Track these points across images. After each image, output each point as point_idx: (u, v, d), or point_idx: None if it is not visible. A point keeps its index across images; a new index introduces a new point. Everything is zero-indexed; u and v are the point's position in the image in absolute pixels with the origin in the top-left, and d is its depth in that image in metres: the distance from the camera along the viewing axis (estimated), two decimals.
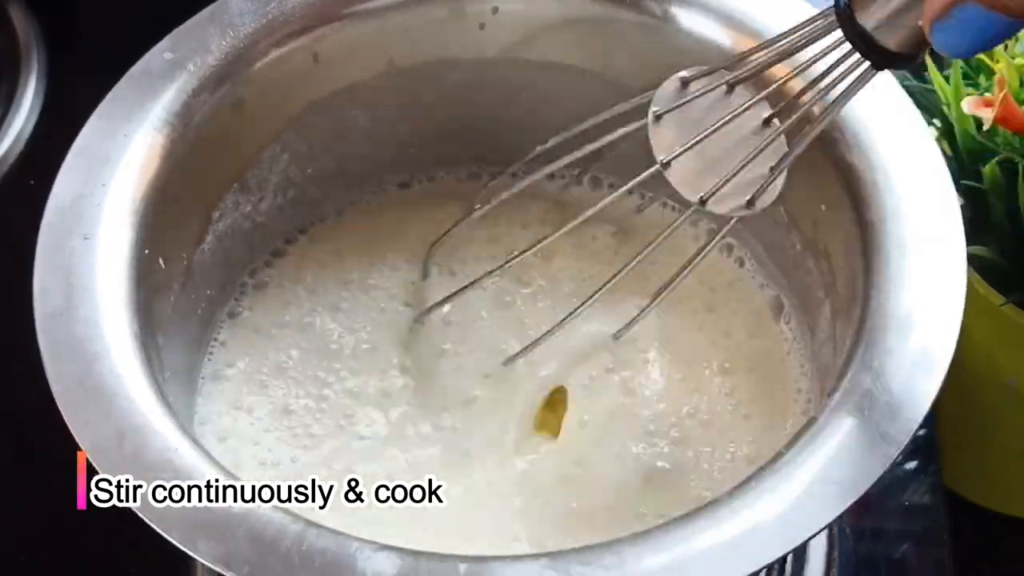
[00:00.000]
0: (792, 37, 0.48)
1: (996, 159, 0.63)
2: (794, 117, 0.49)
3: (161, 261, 0.54)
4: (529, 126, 0.64)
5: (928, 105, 0.67)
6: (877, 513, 0.66)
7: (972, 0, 0.38)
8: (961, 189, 0.65)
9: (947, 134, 0.66)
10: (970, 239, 0.53)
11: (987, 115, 0.63)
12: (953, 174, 0.53)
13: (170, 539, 0.42)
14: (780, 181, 0.50)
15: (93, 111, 0.54)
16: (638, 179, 0.52)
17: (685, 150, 0.48)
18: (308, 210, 0.65)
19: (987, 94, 0.64)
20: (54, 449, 0.45)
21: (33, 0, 0.82)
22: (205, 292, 0.59)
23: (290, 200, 0.63)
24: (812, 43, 0.48)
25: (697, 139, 0.48)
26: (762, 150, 0.49)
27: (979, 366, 0.70)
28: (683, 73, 0.50)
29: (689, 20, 0.58)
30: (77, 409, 0.46)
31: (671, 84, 0.50)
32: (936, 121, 0.67)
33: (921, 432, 0.67)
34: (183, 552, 0.42)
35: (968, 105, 0.64)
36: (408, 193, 0.67)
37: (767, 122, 0.51)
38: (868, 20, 0.44)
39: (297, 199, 0.64)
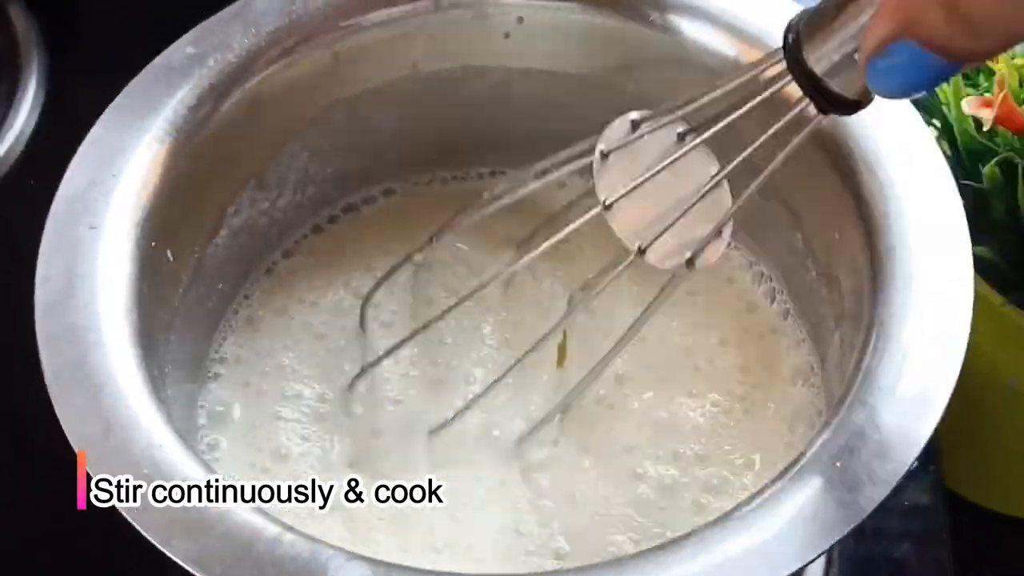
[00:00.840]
0: (743, 79, 0.46)
1: (996, 159, 0.63)
2: (732, 164, 0.47)
3: (169, 254, 0.54)
4: (546, 137, 0.64)
5: (927, 105, 0.67)
6: (877, 513, 0.65)
7: (909, 37, 0.36)
8: (961, 189, 0.65)
9: (947, 134, 0.66)
10: (970, 239, 0.52)
11: (987, 115, 0.63)
12: (953, 173, 0.53)
13: (147, 536, 0.42)
14: (723, 240, 0.48)
15: (93, 111, 0.54)
16: (581, 220, 0.49)
17: (627, 193, 0.46)
18: (326, 208, 0.65)
19: (987, 94, 0.64)
20: (54, 449, 0.45)
21: (33, 0, 0.82)
22: (216, 286, 0.60)
23: (308, 198, 0.63)
24: (767, 88, 0.45)
25: (638, 183, 0.46)
26: (698, 202, 0.47)
27: (979, 366, 0.70)
28: (633, 115, 0.49)
29: (705, 35, 0.58)
30: (66, 398, 0.46)
31: (621, 124, 0.49)
32: (936, 121, 0.67)
33: None
34: None
35: (968, 105, 0.64)
36: (425, 194, 0.67)
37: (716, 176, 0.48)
38: (816, 61, 0.42)
39: (316, 197, 0.64)
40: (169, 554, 0.42)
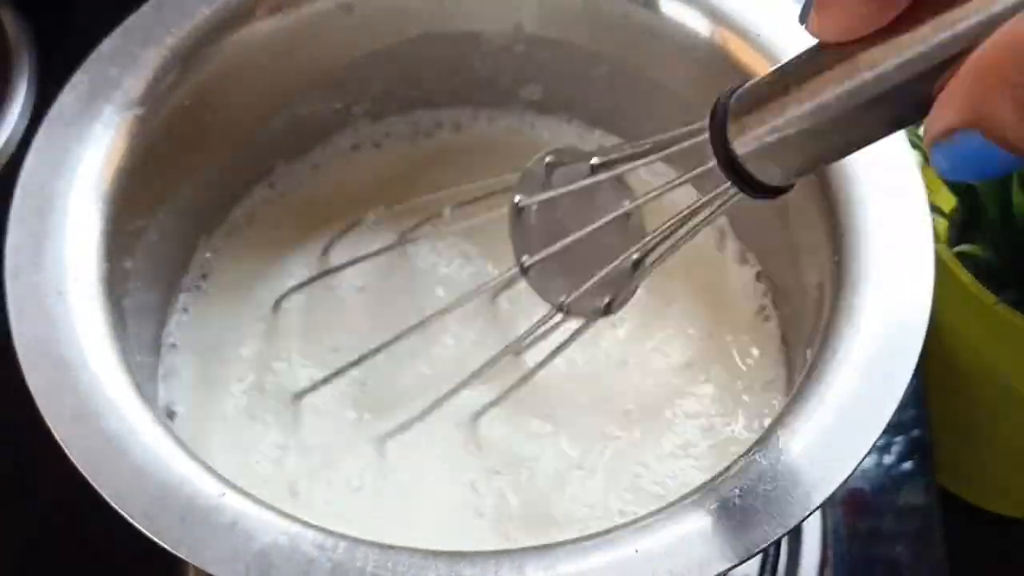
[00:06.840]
0: (666, 139, 0.44)
1: None
2: (643, 199, 0.45)
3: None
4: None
5: None
6: (871, 513, 0.66)
7: (974, 129, 0.34)
8: (954, 189, 0.66)
9: None
10: (963, 238, 0.53)
11: None
12: None
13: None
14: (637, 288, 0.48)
15: None
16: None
17: (548, 254, 0.45)
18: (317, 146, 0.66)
19: None
20: (54, 450, 0.45)
21: (24, 2, 0.81)
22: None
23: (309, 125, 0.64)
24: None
25: (560, 245, 0.45)
26: (616, 262, 0.45)
27: (971, 365, 0.71)
28: (548, 158, 0.47)
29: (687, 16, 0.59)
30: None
31: (537, 168, 0.47)
32: None
33: (915, 433, 0.68)
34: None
35: None
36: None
37: (627, 217, 0.47)
38: (741, 145, 0.38)
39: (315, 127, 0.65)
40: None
